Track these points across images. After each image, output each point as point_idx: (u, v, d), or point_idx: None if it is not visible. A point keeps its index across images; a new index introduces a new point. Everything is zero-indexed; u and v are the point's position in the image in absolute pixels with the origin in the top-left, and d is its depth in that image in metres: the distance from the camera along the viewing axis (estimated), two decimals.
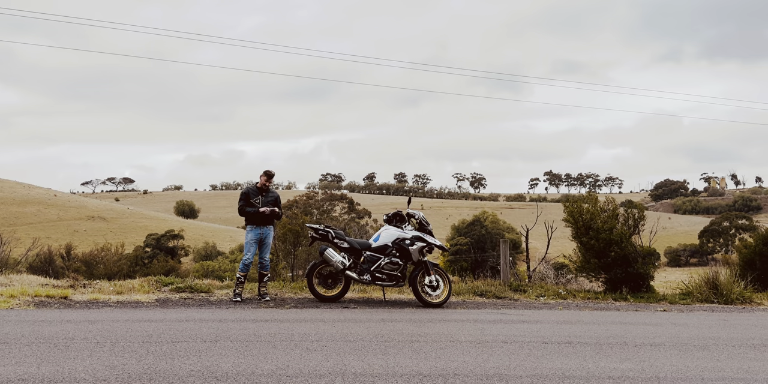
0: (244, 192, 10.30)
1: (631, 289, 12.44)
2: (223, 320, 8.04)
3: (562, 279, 15.00)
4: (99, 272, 40.88)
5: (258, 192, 10.26)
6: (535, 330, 7.96)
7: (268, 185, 10.32)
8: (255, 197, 10.18)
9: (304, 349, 6.28)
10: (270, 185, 10.38)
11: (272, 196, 10.32)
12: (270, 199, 10.24)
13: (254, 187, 10.35)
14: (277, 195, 10.46)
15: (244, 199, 10.20)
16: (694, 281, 12.72)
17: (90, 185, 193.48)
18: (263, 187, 10.28)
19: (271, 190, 10.42)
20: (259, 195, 10.22)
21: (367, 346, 6.51)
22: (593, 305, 11.14)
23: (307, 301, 10.08)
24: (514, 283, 12.63)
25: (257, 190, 10.28)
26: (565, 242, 16.61)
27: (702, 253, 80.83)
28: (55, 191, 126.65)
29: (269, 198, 10.25)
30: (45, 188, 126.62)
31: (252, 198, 10.16)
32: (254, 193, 10.24)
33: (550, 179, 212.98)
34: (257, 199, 10.16)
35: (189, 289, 10.68)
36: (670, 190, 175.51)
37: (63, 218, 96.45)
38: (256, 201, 10.15)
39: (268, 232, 10.18)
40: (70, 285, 10.84)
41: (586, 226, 12.84)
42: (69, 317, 8.02)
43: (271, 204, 10.21)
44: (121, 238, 71.88)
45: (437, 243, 10.31)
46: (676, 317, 9.88)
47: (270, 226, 10.24)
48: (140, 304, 9.37)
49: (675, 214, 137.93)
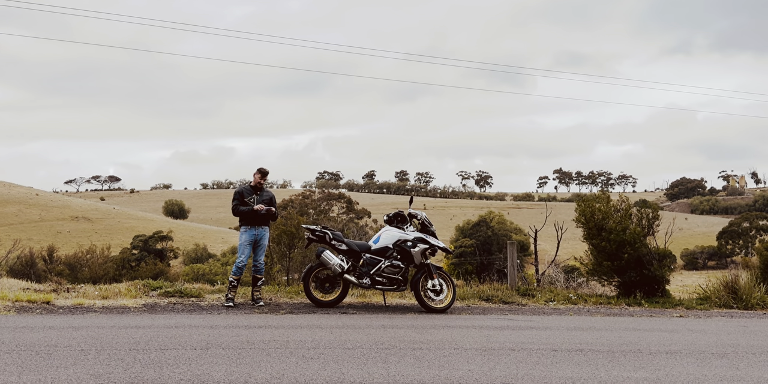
0: (237, 191, 10.31)
1: (645, 293, 12.44)
2: (215, 326, 8.05)
3: (572, 283, 15.00)
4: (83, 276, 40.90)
5: (252, 191, 10.29)
6: (544, 337, 7.97)
7: (262, 183, 10.34)
8: (249, 196, 10.20)
9: (300, 357, 6.28)
10: (264, 183, 10.42)
11: (267, 195, 10.36)
12: (265, 199, 10.27)
13: (248, 186, 10.39)
14: (273, 194, 10.52)
15: (238, 198, 10.23)
16: (712, 285, 12.71)
17: (74, 184, 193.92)
18: (258, 186, 10.31)
19: (266, 189, 10.46)
20: (253, 194, 10.25)
21: (367, 354, 6.51)
22: (605, 311, 11.14)
23: (304, 307, 10.08)
24: (521, 288, 12.64)
25: (252, 189, 10.31)
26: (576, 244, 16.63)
27: (720, 255, 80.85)
28: (37, 190, 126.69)
29: (264, 197, 10.27)
30: (26, 187, 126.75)
31: (246, 197, 10.19)
32: (248, 192, 10.27)
33: (559, 177, 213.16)
34: (252, 199, 10.19)
35: (178, 294, 10.69)
36: (686, 189, 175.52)
37: (45, 219, 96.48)
38: (251, 200, 10.17)
39: (264, 233, 10.19)
40: (52, 289, 10.85)
41: (599, 227, 12.83)
42: (52, 323, 8.02)
43: (266, 203, 10.24)
44: (106, 240, 71.92)
45: (440, 245, 10.31)
46: (693, 323, 9.89)
47: (266, 226, 10.27)
48: (127, 310, 9.37)
49: (692, 215, 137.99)
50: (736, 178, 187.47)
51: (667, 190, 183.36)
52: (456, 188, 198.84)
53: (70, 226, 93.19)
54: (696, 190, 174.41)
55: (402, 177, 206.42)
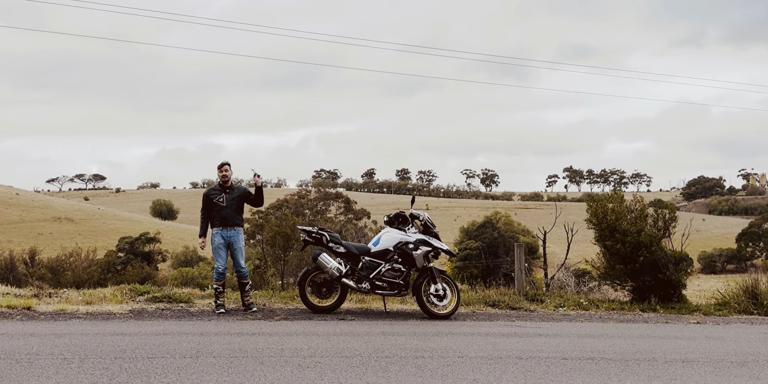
0: (204, 194, 10.37)
1: (660, 298, 12.45)
2: (205, 334, 8.05)
3: (583, 287, 15.01)
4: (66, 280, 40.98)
5: (221, 190, 10.21)
6: (554, 344, 7.97)
7: (229, 176, 10.23)
8: (218, 197, 10.16)
9: (295, 366, 6.28)
10: (231, 176, 10.28)
11: (239, 191, 10.28)
12: (236, 195, 10.18)
13: (216, 186, 10.34)
14: (245, 189, 10.44)
15: (203, 200, 10.26)
16: (731, 290, 12.72)
17: (56, 183, 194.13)
18: (226, 183, 10.22)
19: (237, 185, 10.40)
20: (222, 193, 10.17)
21: (366, 363, 6.51)
22: (618, 317, 11.15)
23: (299, 312, 10.09)
24: (530, 292, 12.65)
25: (220, 188, 10.23)
26: (587, 246, 16.62)
27: (740, 258, 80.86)
28: (17, 189, 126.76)
29: (235, 194, 10.20)
30: (6, 186, 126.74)
31: (215, 198, 10.15)
32: (216, 192, 10.22)
33: (570, 176, 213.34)
34: (220, 197, 10.14)
35: (167, 299, 10.70)
36: (704, 188, 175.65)
37: (26, 219, 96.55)
38: (220, 199, 10.13)
39: (236, 234, 10.11)
40: (34, 294, 10.85)
41: (611, 229, 12.84)
42: (33, 330, 8.02)
43: (238, 200, 10.18)
44: (91, 242, 71.98)
45: (444, 247, 10.32)
46: (710, 330, 9.89)
47: (238, 227, 10.16)
48: (112, 316, 9.38)
49: (710, 215, 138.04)
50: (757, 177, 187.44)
51: (684, 189, 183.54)
52: (460, 187, 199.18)
53: (53, 227, 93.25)
54: (714, 189, 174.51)
55: (403, 175, 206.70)
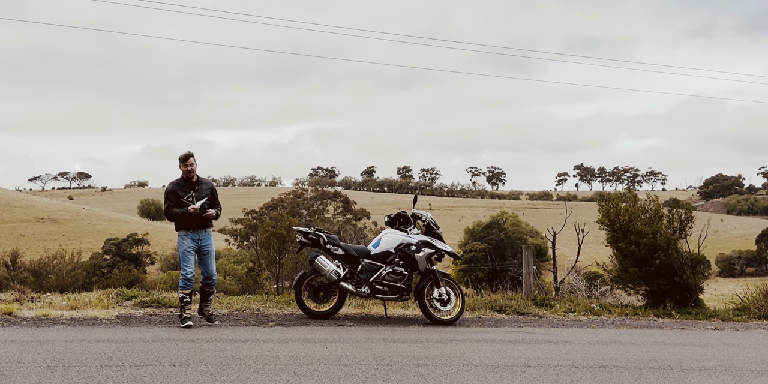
0: (169, 189, 9.46)
1: (676, 303, 12.44)
2: (196, 340, 8.05)
3: (595, 291, 15.01)
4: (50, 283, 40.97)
5: (187, 186, 9.44)
6: (564, 352, 7.97)
7: (193, 171, 9.42)
8: (186, 194, 9.41)
9: (291, 375, 6.28)
10: (195, 169, 9.45)
11: (207, 187, 9.55)
12: (205, 193, 9.45)
13: (180, 181, 9.49)
14: (213, 185, 9.74)
15: (171, 198, 9.40)
16: (750, 294, 12.72)
17: (39, 181, 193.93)
18: (191, 178, 9.44)
19: (204, 180, 9.64)
20: (190, 190, 9.41)
21: (366, 371, 6.51)
22: (632, 322, 11.14)
23: (295, 318, 10.08)
24: (538, 297, 12.64)
25: (185, 184, 9.44)
26: (598, 248, 16.63)
27: (760, 260, 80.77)
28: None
29: (204, 191, 9.47)
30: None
31: (183, 196, 9.37)
32: (183, 188, 9.41)
33: (580, 174, 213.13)
34: (189, 196, 9.41)
35: (155, 304, 10.69)
36: (722, 186, 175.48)
37: (6, 220, 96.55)
38: (189, 198, 9.40)
39: (207, 237, 9.49)
40: (15, 299, 10.84)
41: (624, 230, 12.83)
42: (14, 337, 8.02)
43: (207, 198, 9.43)
44: (75, 244, 72.00)
45: (448, 249, 10.31)
46: (729, 337, 9.89)
47: (209, 229, 9.56)
48: (98, 322, 9.38)
49: (728, 215, 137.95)
50: None
51: (701, 188, 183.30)
52: (465, 186, 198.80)
53: (35, 228, 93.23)
54: (733, 188, 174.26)
55: (405, 174, 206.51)
